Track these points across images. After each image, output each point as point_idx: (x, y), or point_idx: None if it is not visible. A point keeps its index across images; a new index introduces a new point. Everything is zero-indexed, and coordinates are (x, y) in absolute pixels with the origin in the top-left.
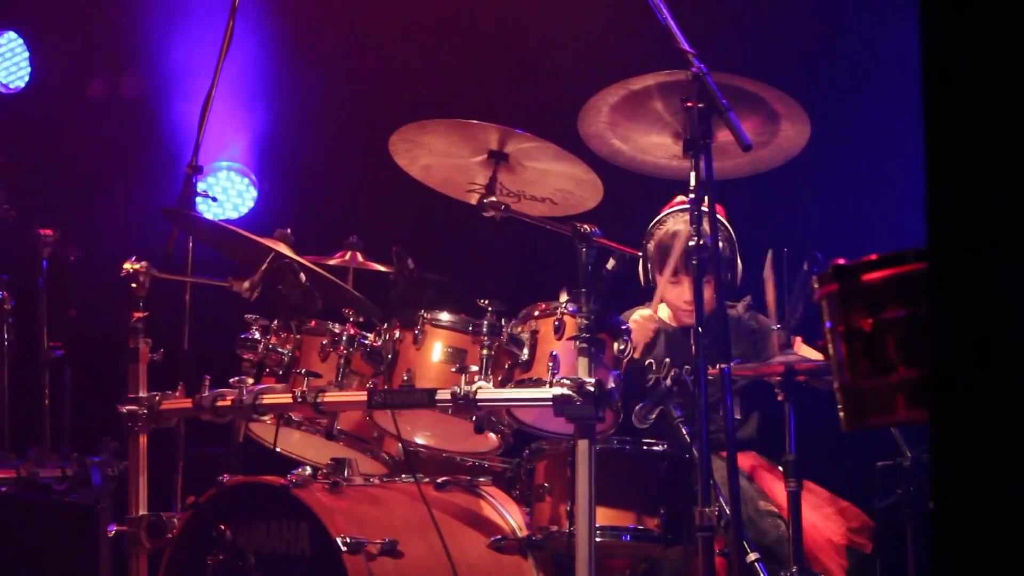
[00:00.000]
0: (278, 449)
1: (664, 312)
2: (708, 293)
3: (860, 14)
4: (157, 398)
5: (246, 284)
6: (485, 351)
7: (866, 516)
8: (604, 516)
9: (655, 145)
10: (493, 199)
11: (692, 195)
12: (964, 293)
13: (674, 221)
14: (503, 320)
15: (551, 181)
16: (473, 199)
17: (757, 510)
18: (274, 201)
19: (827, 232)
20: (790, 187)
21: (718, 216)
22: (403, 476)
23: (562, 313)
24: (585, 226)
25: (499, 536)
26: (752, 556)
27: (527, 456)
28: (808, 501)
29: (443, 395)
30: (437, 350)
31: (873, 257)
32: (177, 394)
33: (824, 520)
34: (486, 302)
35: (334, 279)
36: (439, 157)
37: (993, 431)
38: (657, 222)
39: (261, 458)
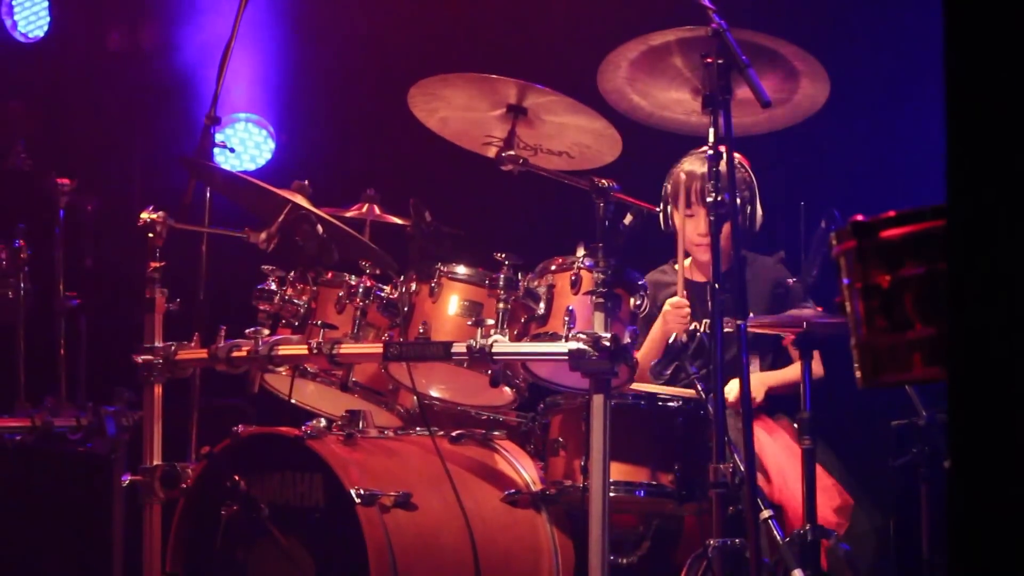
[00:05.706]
0: (293, 400)
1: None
2: (724, 242)
3: None
4: (173, 348)
5: (263, 235)
6: (501, 305)
7: (848, 495)
8: (618, 471)
9: (674, 101)
10: (511, 153)
11: (711, 151)
12: (983, 251)
13: (690, 161)
14: (520, 274)
15: (569, 135)
16: (490, 152)
17: None
18: (292, 153)
19: (845, 190)
20: (809, 144)
21: (740, 162)
22: (418, 429)
23: (579, 268)
24: (603, 181)
25: (513, 490)
26: (766, 513)
27: (542, 410)
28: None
29: (459, 348)
30: (453, 303)
31: (892, 214)
32: (193, 344)
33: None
34: (503, 256)
35: (351, 231)
36: (457, 111)
37: (1010, 390)
38: (675, 165)
39: (276, 409)
